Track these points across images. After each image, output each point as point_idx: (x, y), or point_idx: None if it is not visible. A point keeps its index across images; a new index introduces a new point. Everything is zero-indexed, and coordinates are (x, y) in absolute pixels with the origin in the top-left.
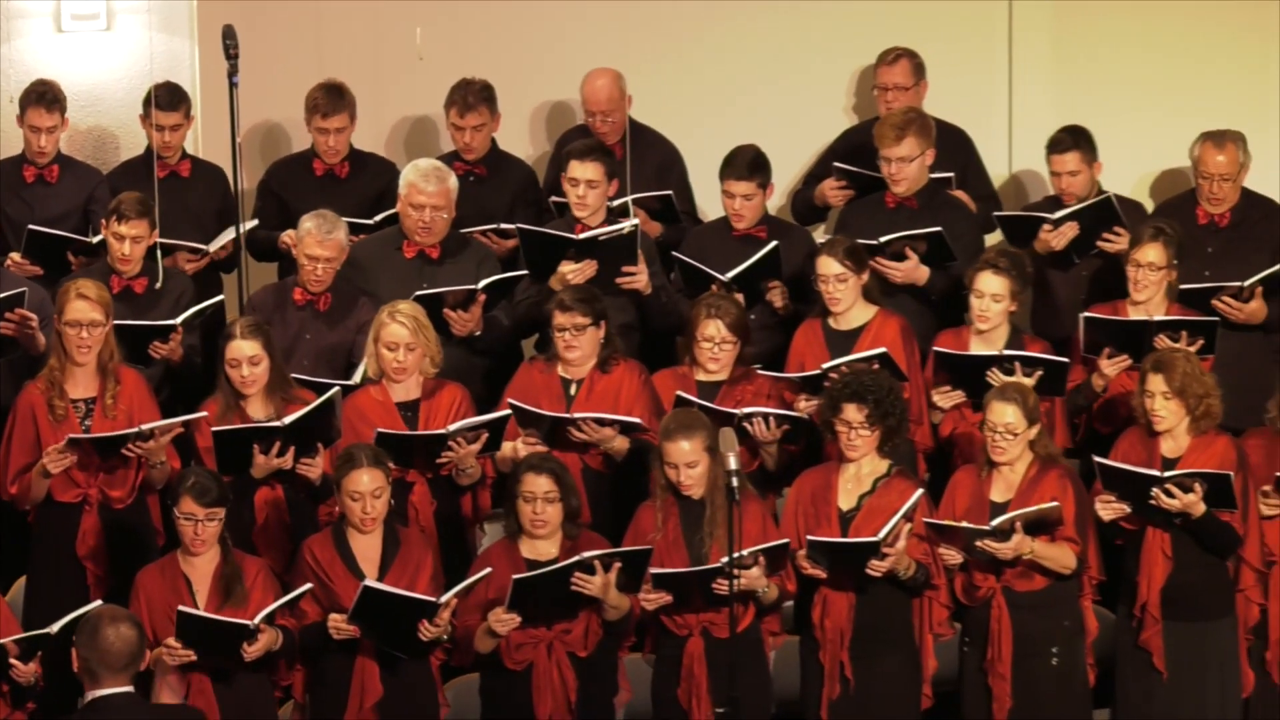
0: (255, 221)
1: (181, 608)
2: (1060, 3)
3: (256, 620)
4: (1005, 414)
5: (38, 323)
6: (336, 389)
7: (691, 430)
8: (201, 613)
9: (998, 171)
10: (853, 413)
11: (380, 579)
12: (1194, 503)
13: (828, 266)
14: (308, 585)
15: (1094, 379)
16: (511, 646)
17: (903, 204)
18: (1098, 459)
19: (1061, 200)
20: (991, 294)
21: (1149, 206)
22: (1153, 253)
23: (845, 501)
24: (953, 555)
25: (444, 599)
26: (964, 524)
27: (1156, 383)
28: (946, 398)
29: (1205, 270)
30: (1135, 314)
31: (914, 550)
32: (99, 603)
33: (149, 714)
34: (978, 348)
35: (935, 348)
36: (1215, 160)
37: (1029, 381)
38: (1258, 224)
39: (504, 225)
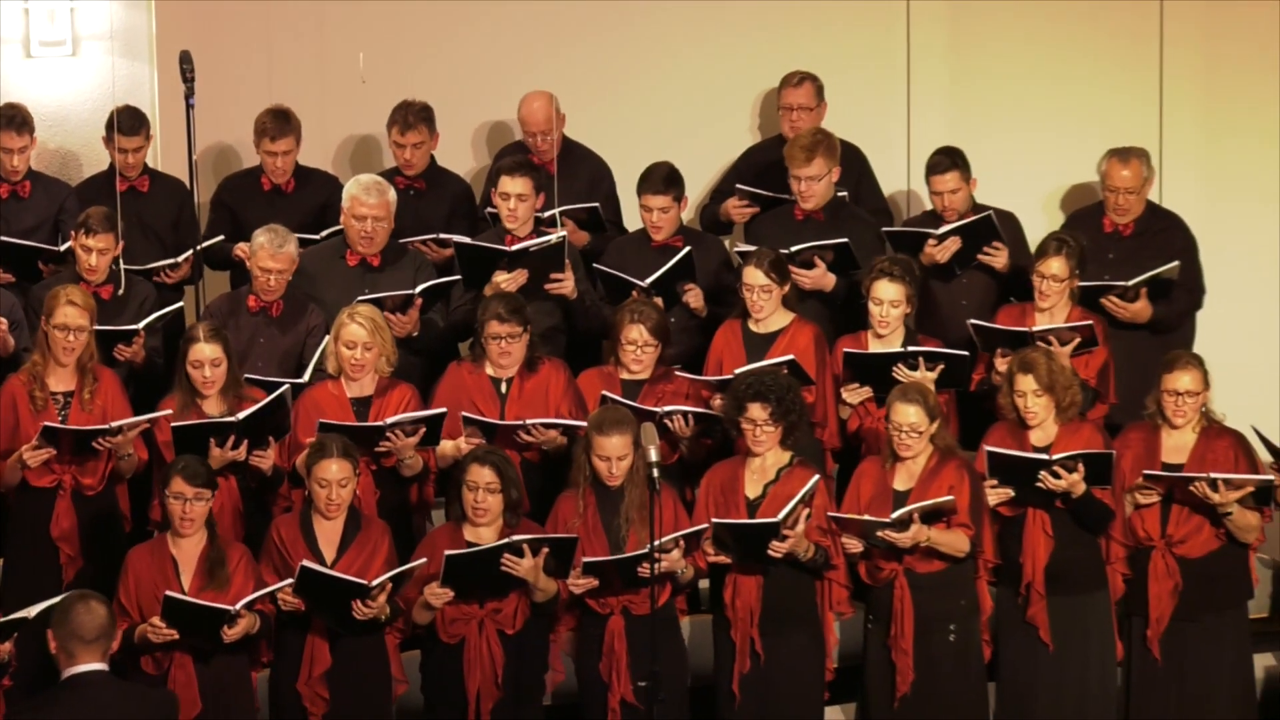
0: (219, 238)
1: (168, 593)
2: (955, 32)
3: (237, 607)
4: (908, 414)
5: (6, 326)
6: (286, 387)
7: (623, 426)
8: (186, 598)
9: (898, 187)
10: (757, 411)
11: (337, 560)
12: (1077, 482)
13: (754, 277)
14: (288, 581)
15: (992, 375)
16: (446, 621)
17: (810, 217)
18: (988, 448)
19: (942, 216)
20: (889, 300)
21: (1050, 219)
22: (1055, 265)
23: (752, 490)
24: (854, 544)
25: (376, 582)
26: (865, 516)
27: (1026, 382)
28: (855, 394)
29: (1105, 275)
30: (1041, 320)
31: (813, 534)
32: (75, 590)
33: (121, 691)
34: (877, 350)
35: (844, 349)
36: (1121, 175)
37: (931, 376)
38: (1158, 234)
39: (441, 235)
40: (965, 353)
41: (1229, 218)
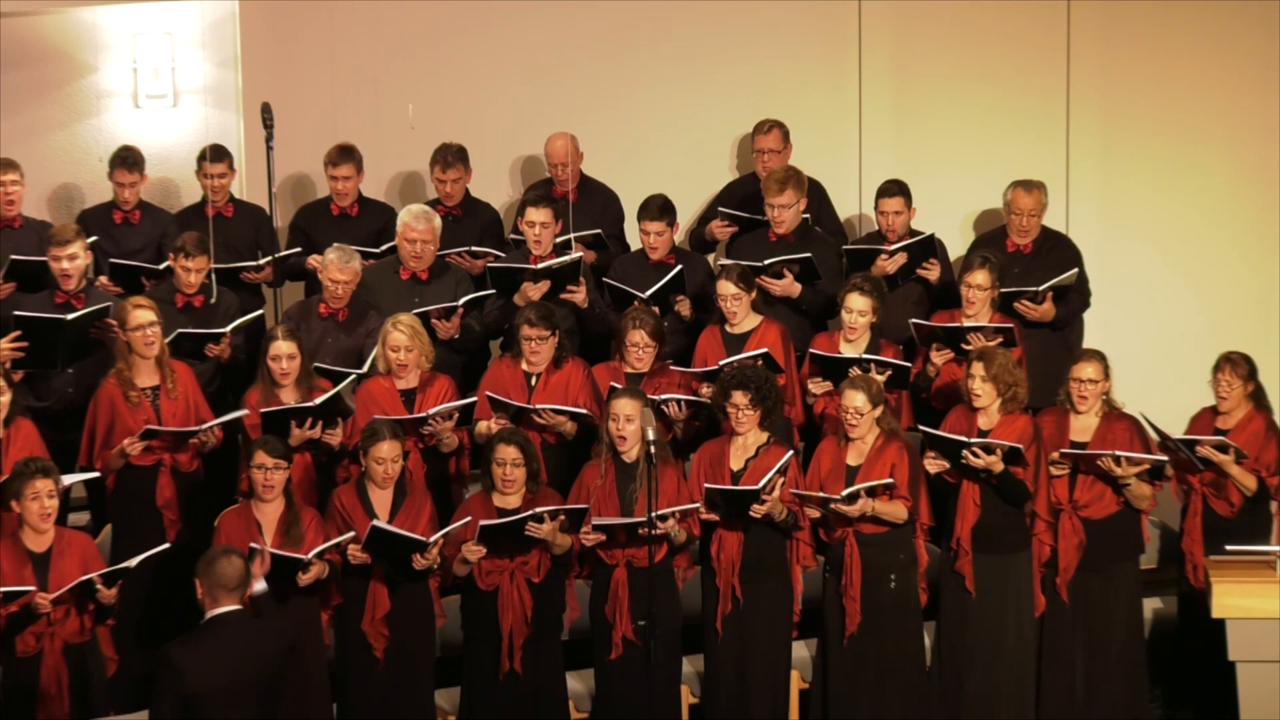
0: (296, 250)
1: (253, 545)
2: (899, 89)
3: (310, 555)
4: (855, 399)
5: (119, 328)
6: (352, 376)
7: (632, 393)
8: (269, 548)
9: (851, 213)
10: (740, 398)
11: (390, 521)
12: (994, 462)
13: (726, 288)
14: (352, 534)
15: (928, 367)
16: (483, 572)
17: (782, 238)
18: (923, 427)
19: (885, 236)
20: (858, 310)
21: (965, 238)
22: (980, 277)
23: (736, 464)
24: (814, 512)
25: (432, 539)
26: (821, 494)
27: (978, 368)
28: (818, 386)
29: (1012, 286)
30: (967, 323)
31: (785, 501)
32: (166, 545)
33: (252, 625)
34: (847, 350)
35: (811, 350)
36: (1024, 202)
37: (880, 378)
38: (1051, 252)
39: (474, 249)
40: (908, 364)
41: (1122, 240)
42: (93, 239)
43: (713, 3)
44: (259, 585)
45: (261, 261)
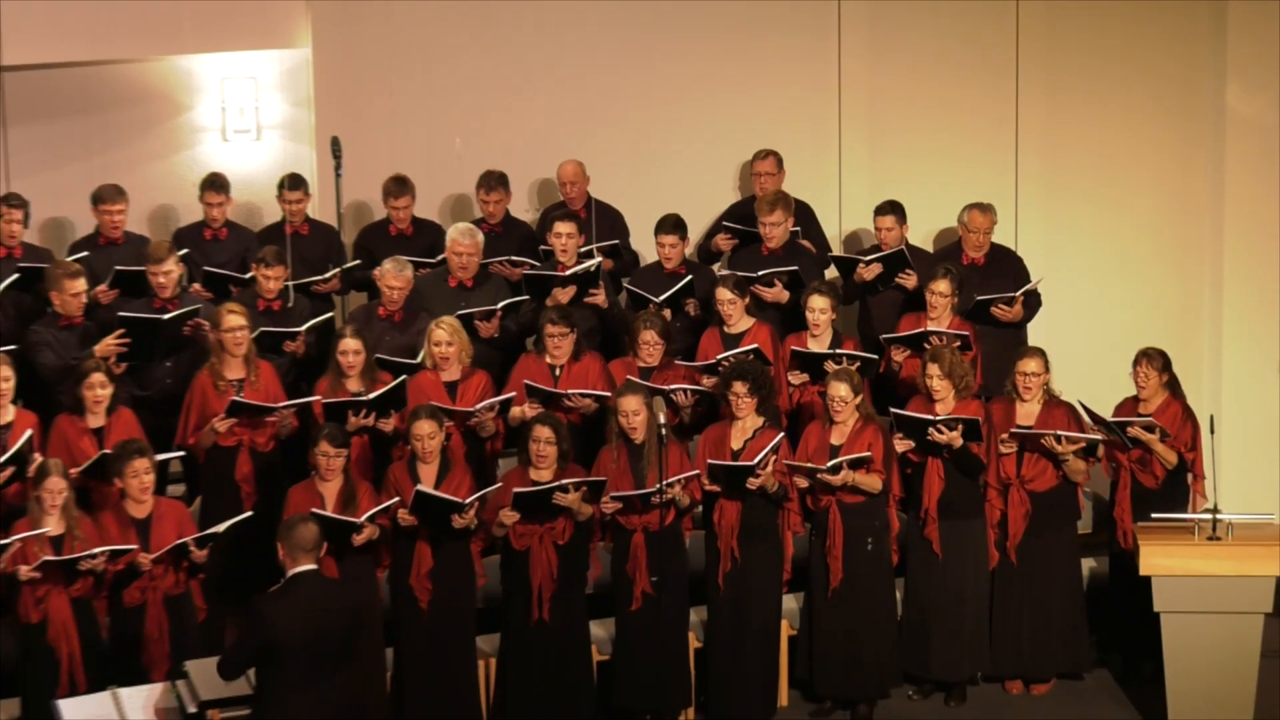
0: (358, 261)
1: (314, 510)
2: (872, 123)
3: (362, 519)
4: (839, 389)
5: (209, 328)
6: (404, 377)
7: (636, 390)
8: (329, 514)
9: (832, 231)
10: (739, 387)
11: (435, 490)
12: (955, 438)
13: (723, 295)
14: (397, 499)
15: (892, 364)
16: (516, 535)
17: (773, 252)
18: (894, 410)
19: (881, 248)
20: (819, 309)
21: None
22: (943, 286)
23: (735, 444)
24: (802, 482)
25: (468, 500)
26: (810, 464)
27: (934, 369)
28: (797, 378)
29: (972, 294)
30: (930, 326)
31: (777, 475)
32: (249, 513)
33: (326, 582)
34: (814, 346)
35: (791, 347)
36: (978, 221)
37: (852, 369)
38: (1002, 263)
39: (513, 258)
40: (875, 356)
41: (1062, 253)
42: (184, 251)
43: (714, 53)
44: None
45: (330, 274)
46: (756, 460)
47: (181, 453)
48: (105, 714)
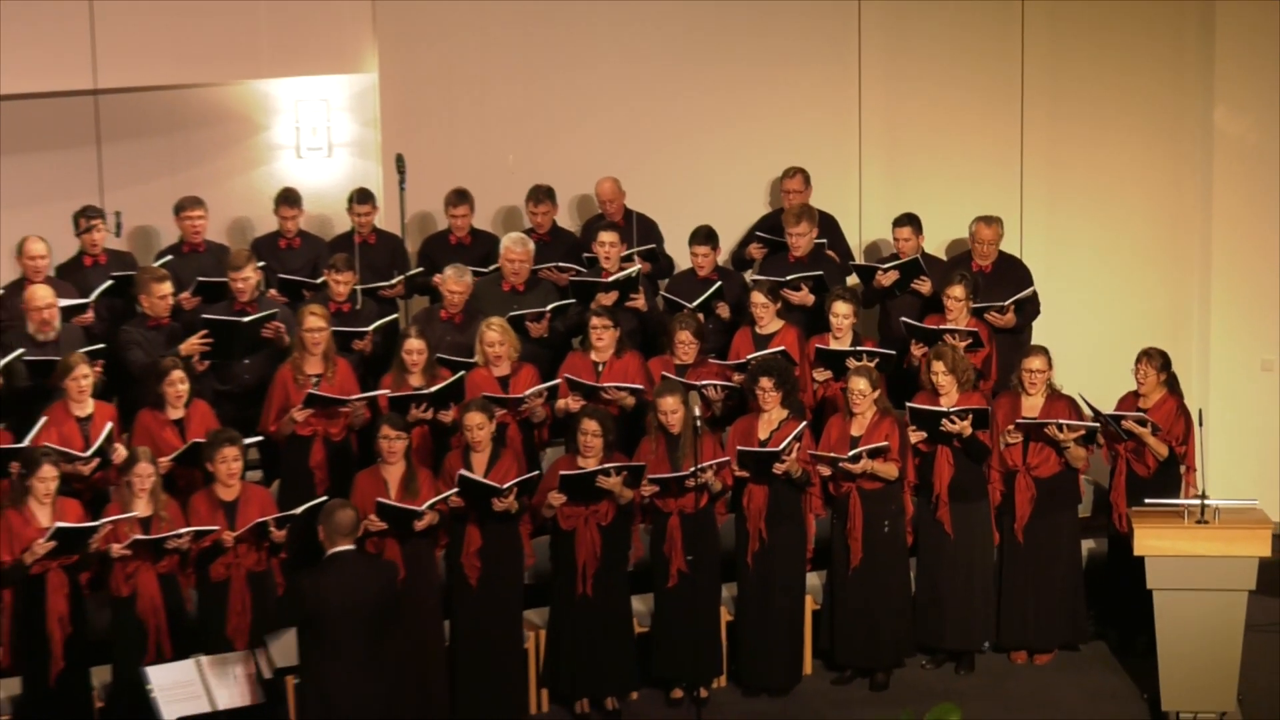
0: (420, 269)
1: (379, 499)
2: (891, 141)
3: (423, 508)
4: (860, 384)
5: (284, 329)
6: (462, 373)
7: (673, 389)
8: (391, 502)
9: (853, 240)
10: (766, 382)
11: (485, 476)
12: (965, 427)
13: (757, 299)
14: (454, 490)
15: (911, 358)
16: (563, 517)
17: (799, 259)
18: (910, 404)
19: (899, 257)
20: (843, 314)
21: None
22: (958, 290)
23: (762, 434)
24: (825, 470)
25: (505, 486)
26: (833, 454)
27: (939, 366)
28: (820, 374)
29: (977, 299)
30: (948, 326)
31: (801, 462)
32: (325, 498)
33: (363, 561)
34: (836, 345)
35: (815, 345)
36: (985, 233)
37: (871, 366)
38: (1007, 272)
39: (560, 264)
40: (893, 352)
41: (1064, 260)
42: (262, 264)
43: (747, 82)
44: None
45: (395, 280)
46: (782, 447)
47: (259, 439)
48: (190, 679)
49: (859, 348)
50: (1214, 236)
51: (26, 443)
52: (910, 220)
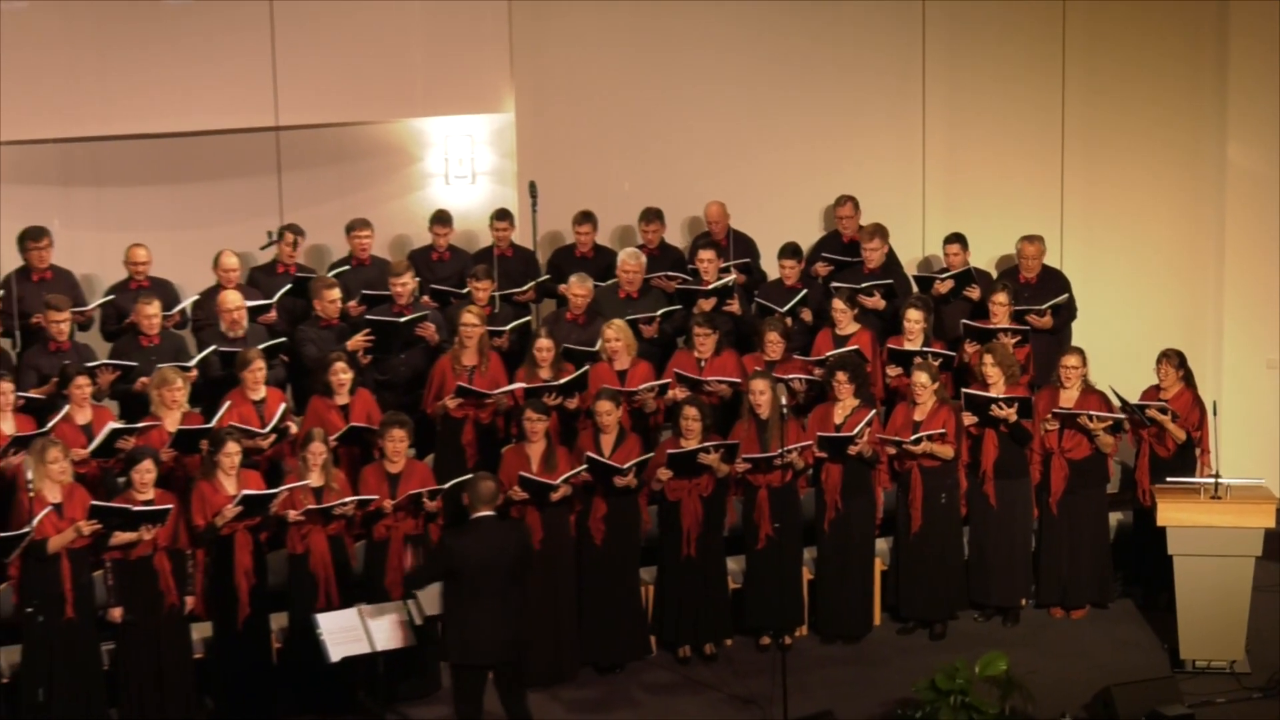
0: (547, 276)
1: (521, 473)
2: (950, 165)
3: (557, 482)
4: (922, 378)
5: (435, 329)
6: (586, 367)
7: (764, 376)
8: (532, 476)
9: (916, 254)
10: (841, 376)
11: (612, 454)
12: (1011, 413)
13: (838, 305)
14: (583, 467)
15: (967, 356)
16: (670, 489)
17: (872, 271)
18: (965, 390)
19: (949, 269)
20: (915, 320)
21: (992, 272)
22: (1002, 297)
23: (838, 420)
24: (890, 450)
25: (626, 465)
26: (897, 437)
27: (989, 360)
28: (893, 370)
29: (1023, 307)
30: (996, 325)
31: (871, 444)
32: (469, 476)
33: (502, 524)
34: (909, 346)
35: (888, 345)
36: (1028, 249)
37: (935, 364)
38: (1050, 282)
39: (669, 274)
40: (953, 353)
41: (1098, 272)
42: (419, 279)
43: (825, 109)
44: None
45: (527, 287)
46: (855, 431)
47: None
48: (353, 624)
49: (927, 349)
50: (1226, 252)
51: (213, 424)
52: (958, 238)
